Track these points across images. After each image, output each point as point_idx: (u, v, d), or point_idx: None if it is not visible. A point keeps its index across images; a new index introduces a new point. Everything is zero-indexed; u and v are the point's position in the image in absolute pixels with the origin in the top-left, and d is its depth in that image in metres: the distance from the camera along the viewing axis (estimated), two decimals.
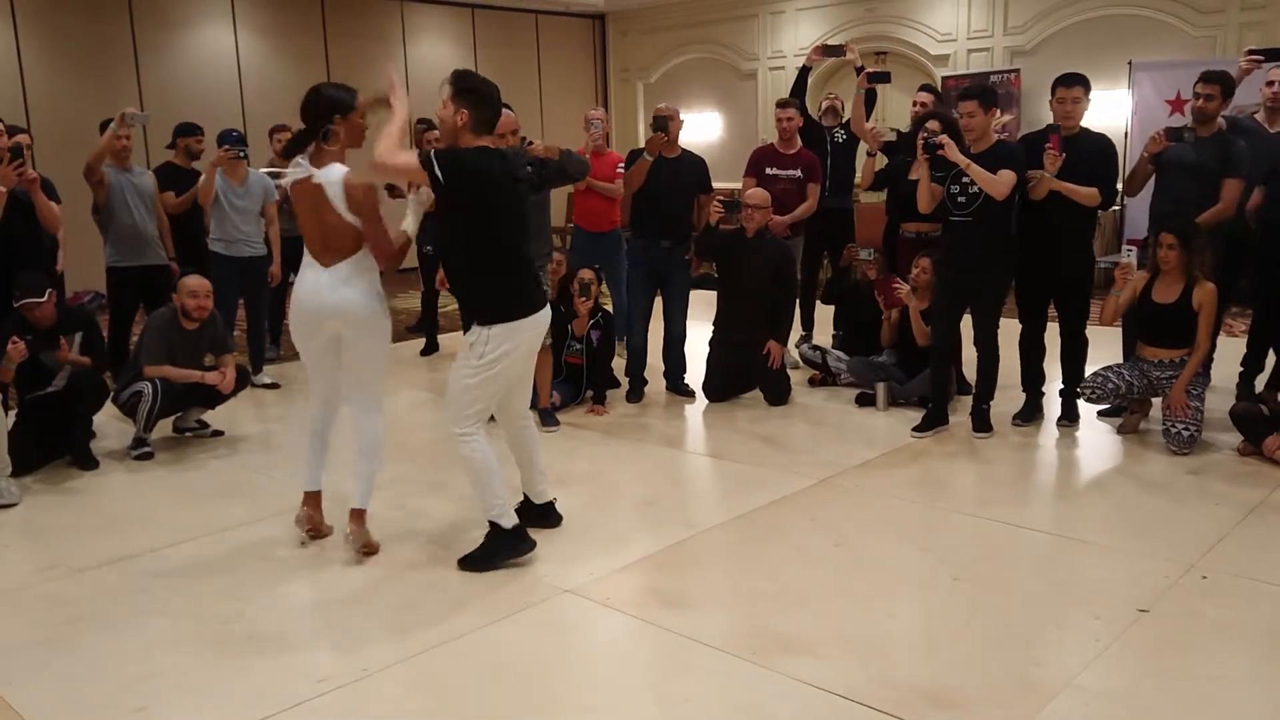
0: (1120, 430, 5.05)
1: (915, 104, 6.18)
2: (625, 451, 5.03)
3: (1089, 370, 5.05)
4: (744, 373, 5.83)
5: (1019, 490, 4.42)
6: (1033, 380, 5.22)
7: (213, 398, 5.13)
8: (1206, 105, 5.03)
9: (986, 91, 4.89)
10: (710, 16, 12.79)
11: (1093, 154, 4.86)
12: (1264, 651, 2.95)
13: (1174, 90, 8.63)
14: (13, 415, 4.79)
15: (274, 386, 6.41)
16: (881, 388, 5.56)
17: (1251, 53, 5.49)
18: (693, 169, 5.78)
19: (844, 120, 6.63)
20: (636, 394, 5.90)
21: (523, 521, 3.70)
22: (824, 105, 6.78)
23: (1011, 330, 5.18)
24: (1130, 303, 4.87)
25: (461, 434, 3.53)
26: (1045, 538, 3.85)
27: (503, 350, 3.46)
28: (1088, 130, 4.95)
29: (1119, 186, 5.12)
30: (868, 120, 6.31)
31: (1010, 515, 4.02)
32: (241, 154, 6.04)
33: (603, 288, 5.88)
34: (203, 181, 6.03)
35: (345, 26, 11.46)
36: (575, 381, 5.75)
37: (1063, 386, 5.18)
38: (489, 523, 3.62)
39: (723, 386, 5.85)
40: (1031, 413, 5.20)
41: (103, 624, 3.27)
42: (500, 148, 3.57)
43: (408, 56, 11.99)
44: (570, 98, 13.27)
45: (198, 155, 6.45)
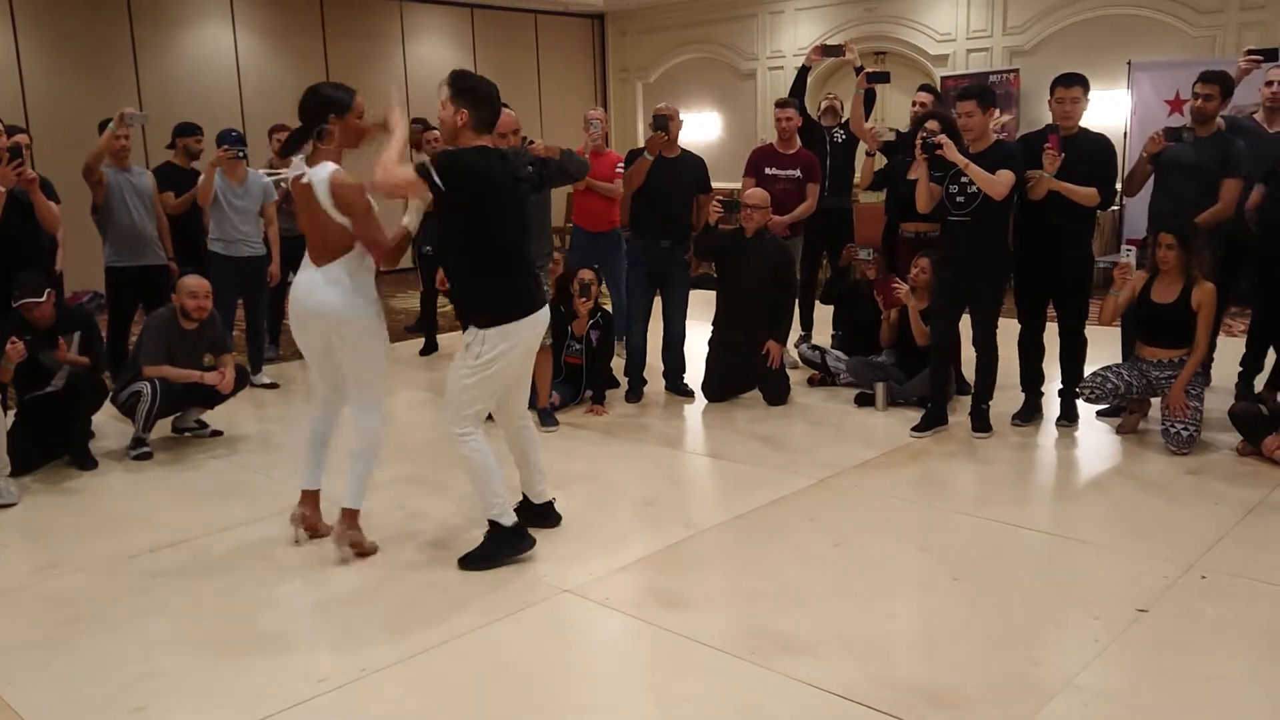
0: (1119, 430, 5.05)
1: (914, 104, 6.18)
2: (624, 451, 5.04)
3: (1088, 370, 5.05)
4: (743, 373, 5.83)
5: (1018, 490, 4.43)
6: (1032, 380, 5.22)
7: (212, 398, 5.13)
8: (1205, 105, 5.03)
9: (985, 91, 4.89)
10: (709, 16, 12.79)
11: (1091, 154, 4.87)
12: (1263, 651, 2.95)
13: (1173, 90, 8.64)
14: (12, 415, 4.79)
15: (273, 386, 6.41)
16: (881, 388, 5.56)
17: (1250, 53, 5.50)
18: (692, 169, 5.78)
19: (843, 120, 6.63)
20: (636, 394, 5.90)
21: (522, 521, 3.70)
22: (823, 105, 6.79)
23: (1011, 330, 5.18)
24: (1129, 303, 4.88)
25: (461, 434, 3.53)
26: (1044, 538, 3.85)
27: (498, 351, 3.45)
28: (1086, 130, 4.95)
29: (1118, 186, 5.12)
30: (867, 120, 6.32)
31: (1009, 515, 4.02)
32: (240, 154, 6.04)
33: (602, 288, 5.88)
34: (202, 181, 6.03)
35: (344, 26, 11.46)
36: (574, 381, 5.74)
37: (1062, 386, 5.18)
38: (489, 521, 3.62)
39: (722, 386, 5.85)
40: (1030, 413, 5.21)
41: (102, 624, 3.27)
42: (500, 148, 3.57)
43: (406, 56, 12.00)
44: (569, 98, 13.27)
45: (197, 155, 6.45)
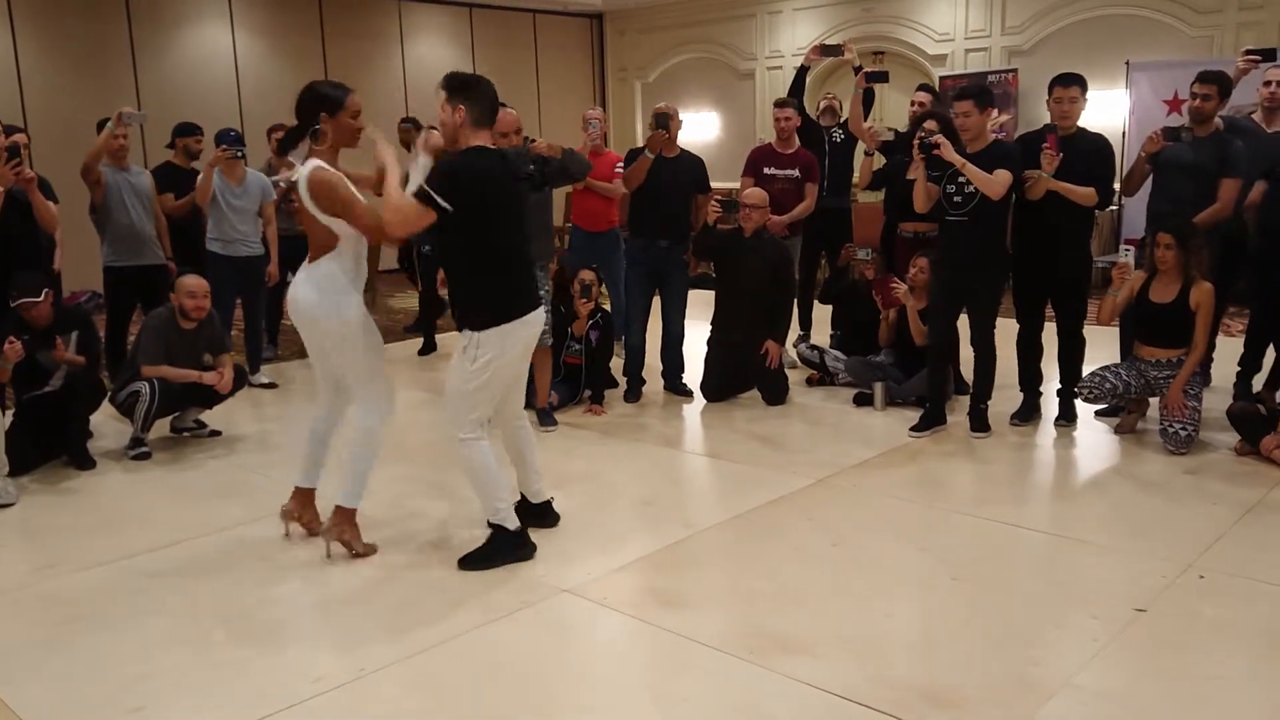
0: (1118, 430, 5.05)
1: (913, 104, 6.19)
2: (623, 451, 5.03)
3: (1086, 370, 5.06)
4: (742, 372, 5.83)
5: (1017, 490, 4.43)
6: (1030, 380, 5.22)
7: (210, 398, 5.13)
8: (1204, 105, 5.04)
9: (982, 91, 4.89)
10: (708, 16, 12.80)
11: (1090, 154, 4.87)
12: (1261, 651, 2.96)
13: (1171, 90, 8.65)
14: (10, 415, 4.79)
15: (271, 386, 6.41)
16: (879, 387, 5.56)
17: (1249, 53, 5.51)
18: (691, 169, 5.78)
19: (842, 120, 6.64)
20: (634, 394, 5.90)
21: (521, 521, 3.70)
22: (822, 105, 6.79)
23: (1009, 330, 5.18)
24: (1128, 302, 4.88)
25: (465, 438, 3.51)
26: (1043, 537, 3.85)
27: (493, 353, 3.44)
28: (1085, 130, 4.95)
29: (1116, 186, 5.13)
30: (865, 120, 6.32)
31: (1008, 515, 4.02)
32: (239, 154, 6.03)
33: (601, 288, 5.88)
34: (200, 181, 6.03)
35: (343, 26, 11.46)
36: (573, 381, 5.74)
37: (1060, 386, 5.19)
38: (492, 525, 3.62)
39: (720, 386, 5.85)
40: (1029, 412, 5.21)
41: (100, 624, 3.27)
42: (500, 147, 3.55)
43: (405, 56, 12.00)
44: (568, 97, 13.27)
45: (197, 155, 6.44)
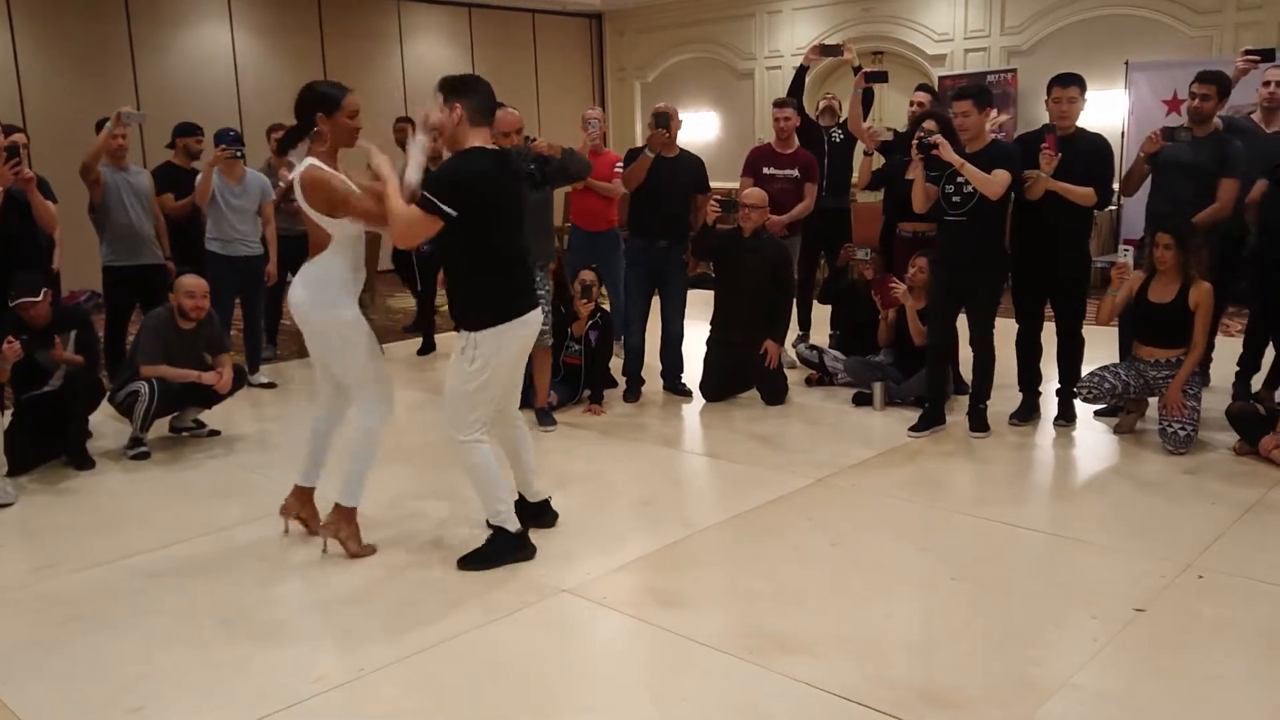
0: (1117, 430, 5.05)
1: (912, 104, 6.20)
2: (622, 451, 5.03)
3: (1085, 370, 5.06)
4: (741, 372, 5.83)
5: (1016, 490, 4.43)
6: (1029, 380, 5.22)
7: (210, 397, 5.12)
8: (1203, 105, 5.04)
9: (981, 91, 4.89)
10: (707, 16, 12.80)
11: (1088, 154, 4.87)
12: (1260, 651, 2.96)
13: (1170, 90, 8.65)
14: (9, 415, 4.79)
15: (270, 386, 6.41)
16: (878, 387, 5.56)
17: (1248, 53, 5.50)
18: (690, 169, 5.78)
19: (841, 120, 6.64)
20: (634, 393, 5.90)
21: (519, 521, 3.70)
22: (821, 105, 6.79)
23: (1008, 330, 5.18)
24: (1127, 302, 4.88)
25: (466, 440, 3.51)
26: (1042, 537, 3.85)
27: (491, 353, 3.44)
28: (1083, 130, 4.95)
29: (1115, 186, 5.12)
30: (865, 120, 6.32)
31: (1007, 515, 4.02)
32: (238, 154, 6.03)
33: (601, 288, 5.88)
34: (199, 181, 6.03)
35: (342, 26, 11.46)
36: (573, 381, 5.74)
37: (1059, 386, 5.19)
38: (492, 526, 3.62)
39: (720, 386, 5.85)
40: (1028, 412, 5.21)
41: (99, 624, 3.27)
42: (499, 146, 3.54)
43: (404, 56, 11.99)
44: (567, 97, 13.27)
45: (197, 155, 6.43)
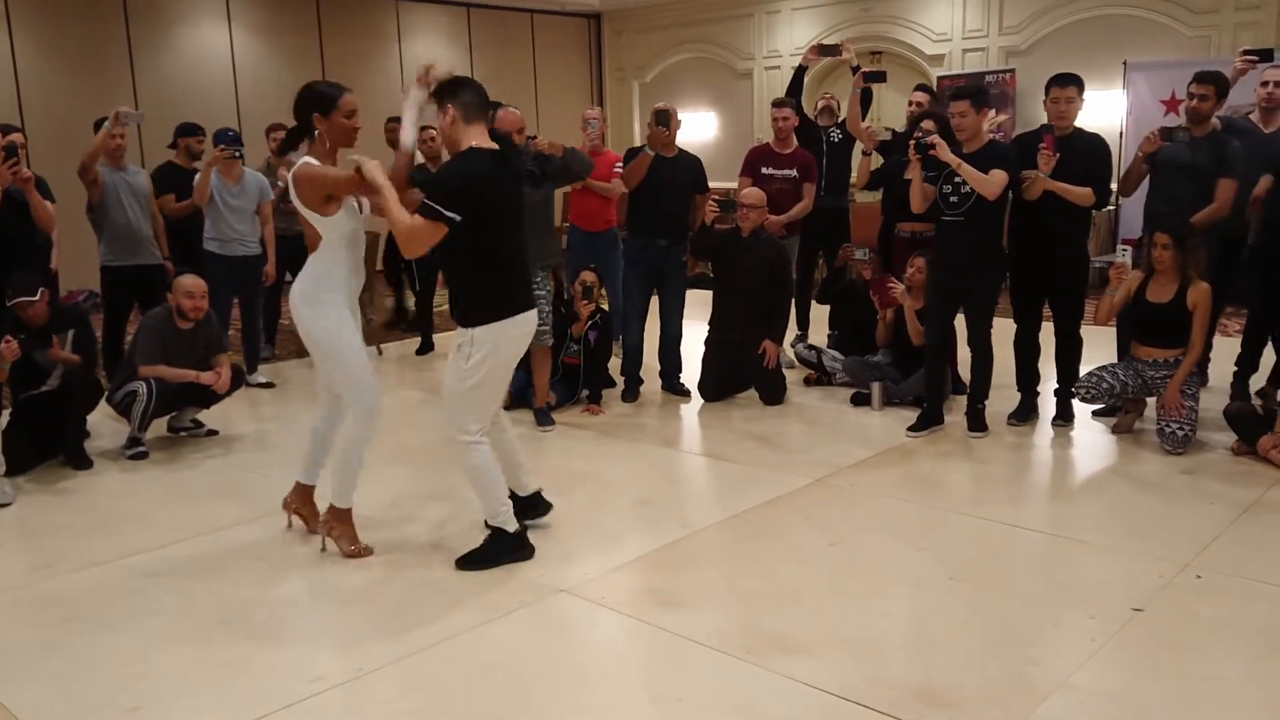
0: (1115, 430, 5.05)
1: (911, 104, 6.20)
2: (621, 451, 5.03)
3: (1084, 370, 5.06)
4: (739, 372, 5.83)
5: (1014, 490, 4.43)
6: (1028, 380, 5.22)
7: (208, 397, 5.12)
8: (1201, 105, 5.03)
9: (979, 91, 4.89)
10: (706, 16, 12.80)
11: (1086, 154, 4.87)
12: (1258, 650, 2.96)
13: (1169, 90, 8.66)
14: (6, 415, 4.78)
15: (269, 386, 6.41)
16: (877, 387, 5.56)
17: (1246, 53, 5.50)
18: (689, 168, 5.78)
19: (840, 120, 6.64)
20: (632, 393, 5.90)
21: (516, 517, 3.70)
22: (820, 105, 6.79)
23: (1006, 330, 5.18)
24: (1125, 302, 4.88)
25: (467, 441, 3.50)
26: (1040, 537, 3.85)
27: (488, 351, 3.44)
28: (1081, 130, 4.95)
29: (1113, 186, 5.12)
30: (863, 120, 6.32)
31: (1005, 515, 4.02)
32: (237, 154, 6.03)
33: (601, 289, 5.88)
34: (198, 180, 6.02)
35: (341, 25, 11.45)
36: (571, 381, 5.74)
37: (1058, 386, 5.19)
38: (491, 527, 3.62)
39: (718, 386, 5.85)
40: (1026, 412, 5.21)
41: (97, 624, 3.26)
42: (495, 145, 3.51)
43: (403, 55, 11.99)
44: (566, 97, 13.27)
45: (199, 155, 6.41)
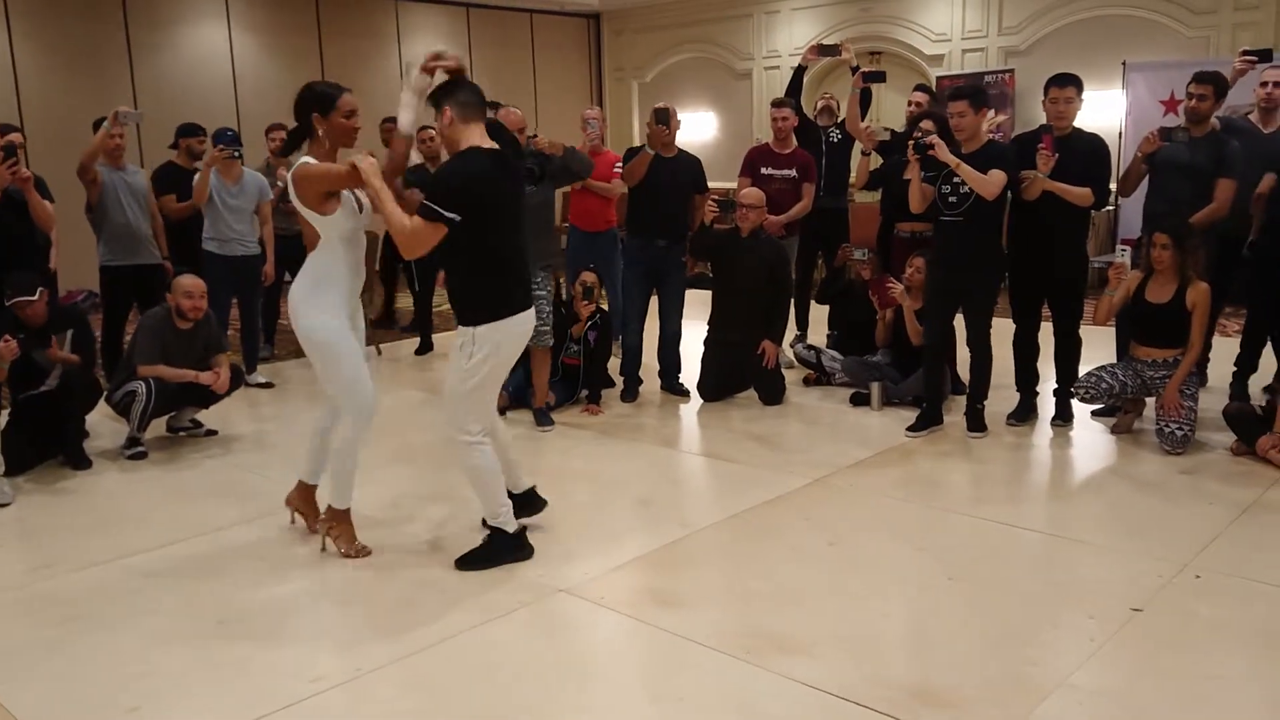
0: (1114, 430, 5.06)
1: (910, 104, 6.20)
2: (620, 451, 5.03)
3: (1083, 370, 5.06)
4: (739, 372, 5.83)
5: (1013, 490, 4.43)
6: (1027, 380, 5.23)
7: (207, 397, 5.12)
8: (1200, 105, 5.04)
9: (977, 92, 4.89)
10: (705, 16, 12.79)
11: (1085, 154, 4.87)
12: (1258, 650, 2.96)
13: (1168, 90, 8.66)
14: (5, 414, 4.78)
15: (268, 386, 6.41)
16: (876, 387, 5.56)
17: (1245, 53, 5.50)
18: (689, 169, 5.79)
19: (839, 120, 6.64)
20: (631, 393, 5.90)
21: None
22: (819, 105, 6.79)
23: (1005, 330, 5.19)
24: (1124, 302, 4.89)
25: (468, 441, 3.50)
26: (1039, 537, 3.86)
27: (489, 350, 3.44)
28: (1080, 130, 4.95)
29: (1112, 186, 5.12)
30: (863, 120, 6.32)
31: (1004, 515, 4.02)
32: (236, 154, 6.03)
33: (601, 289, 5.88)
34: (197, 180, 6.02)
35: (340, 25, 11.44)
36: (570, 381, 5.74)
37: (1057, 386, 5.19)
38: (491, 527, 3.63)
39: (717, 386, 5.85)
40: (1025, 412, 5.21)
41: (96, 624, 3.26)
42: (495, 146, 3.50)
43: (402, 55, 11.97)
44: (565, 97, 13.26)
45: (200, 156, 6.39)
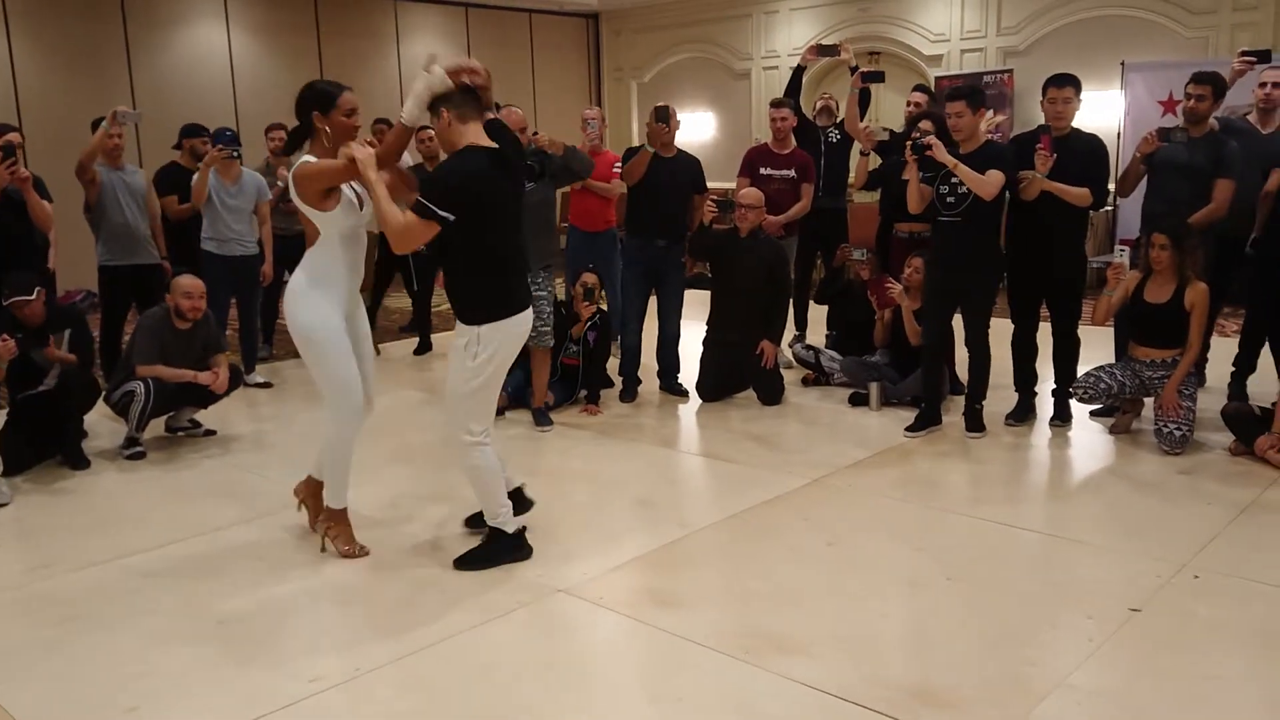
0: (1112, 430, 5.06)
1: (909, 104, 6.20)
2: (619, 451, 5.03)
3: (1081, 370, 5.06)
4: (737, 372, 5.83)
5: (1011, 490, 4.43)
6: (1025, 380, 5.23)
7: (206, 397, 5.12)
8: (1198, 106, 5.04)
9: (974, 92, 4.90)
10: (704, 16, 12.79)
11: (1084, 154, 4.88)
12: (1256, 651, 2.96)
13: (1166, 91, 8.66)
14: (4, 414, 4.78)
15: (266, 386, 6.41)
16: (875, 387, 5.56)
17: (1244, 54, 5.50)
18: (688, 169, 5.79)
19: (838, 120, 6.64)
20: (630, 393, 5.90)
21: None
22: (818, 105, 6.80)
23: (1004, 330, 5.19)
24: (1122, 302, 4.89)
25: (471, 441, 3.50)
26: (1038, 537, 3.86)
27: (494, 349, 3.45)
28: (1079, 131, 4.95)
29: (1110, 187, 5.12)
30: (861, 120, 6.32)
31: (1003, 515, 4.02)
32: (235, 154, 6.02)
33: (601, 290, 5.88)
34: (196, 180, 6.02)
35: (339, 25, 11.44)
36: (569, 381, 5.74)
37: (1055, 386, 5.19)
38: (491, 527, 3.63)
39: (716, 386, 5.85)
40: (1024, 413, 5.21)
41: (95, 624, 3.26)
42: (493, 145, 3.50)
43: (401, 55, 11.98)
44: (564, 97, 13.26)
45: (203, 156, 6.41)
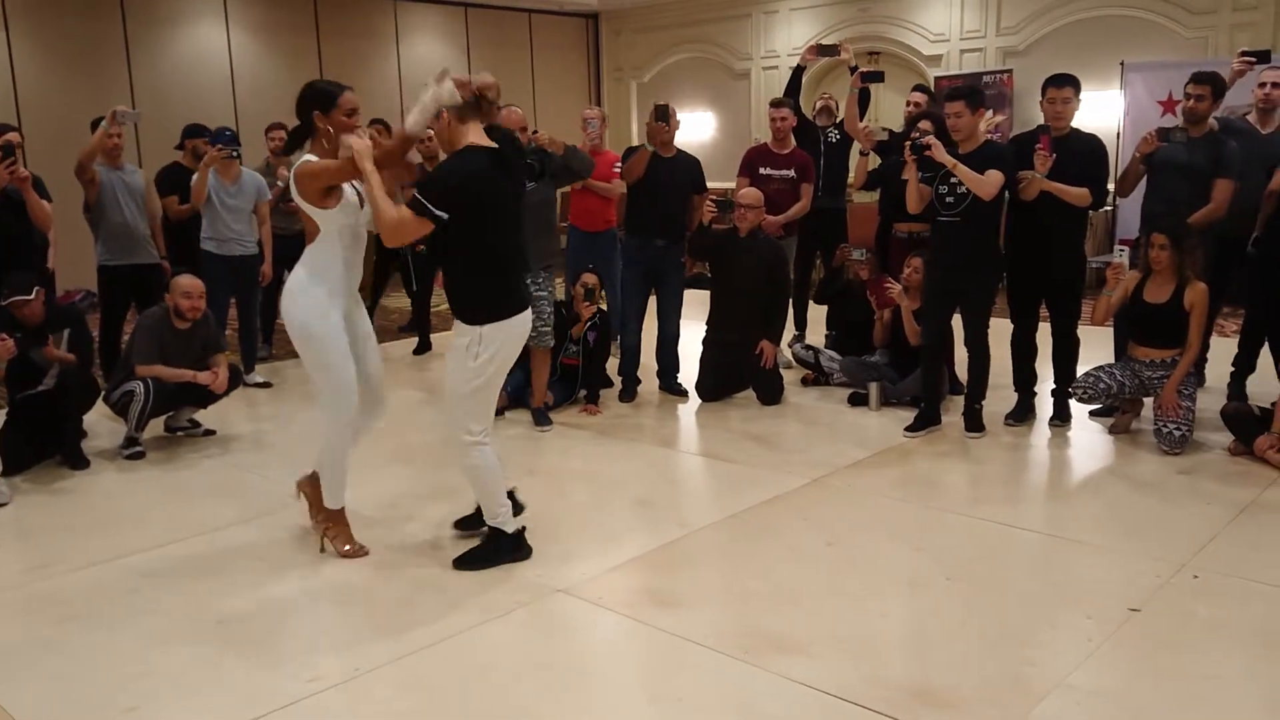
0: (1112, 430, 5.06)
1: (909, 104, 6.21)
2: (618, 451, 5.03)
3: (1081, 370, 5.06)
4: (737, 372, 5.83)
5: (1011, 490, 4.43)
6: (1025, 380, 5.23)
7: (205, 397, 5.11)
8: (1197, 106, 5.04)
9: (973, 92, 4.90)
10: (704, 16, 12.80)
11: (1083, 154, 4.88)
12: (1256, 650, 2.96)
13: (1166, 91, 8.66)
14: (3, 414, 4.78)
15: (266, 385, 6.41)
16: (874, 387, 5.56)
17: (1244, 54, 5.50)
18: (688, 169, 5.79)
19: (838, 120, 6.64)
20: (630, 393, 5.89)
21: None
22: (818, 105, 6.80)
23: (1003, 330, 5.19)
24: (1122, 302, 4.89)
25: (472, 441, 3.50)
26: (1037, 537, 3.86)
27: (495, 349, 3.45)
28: (1078, 131, 4.96)
29: (1109, 187, 5.12)
30: (861, 120, 6.33)
31: (1002, 515, 4.02)
32: (235, 153, 6.02)
33: (602, 290, 5.88)
34: (195, 180, 6.02)
35: (338, 25, 11.44)
36: (569, 381, 5.74)
37: (1055, 386, 5.19)
38: (490, 527, 3.63)
39: (716, 386, 5.85)
40: (1023, 412, 5.21)
41: (94, 624, 3.26)
42: (493, 144, 3.49)
43: (401, 55, 11.98)
44: (564, 97, 13.27)
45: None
